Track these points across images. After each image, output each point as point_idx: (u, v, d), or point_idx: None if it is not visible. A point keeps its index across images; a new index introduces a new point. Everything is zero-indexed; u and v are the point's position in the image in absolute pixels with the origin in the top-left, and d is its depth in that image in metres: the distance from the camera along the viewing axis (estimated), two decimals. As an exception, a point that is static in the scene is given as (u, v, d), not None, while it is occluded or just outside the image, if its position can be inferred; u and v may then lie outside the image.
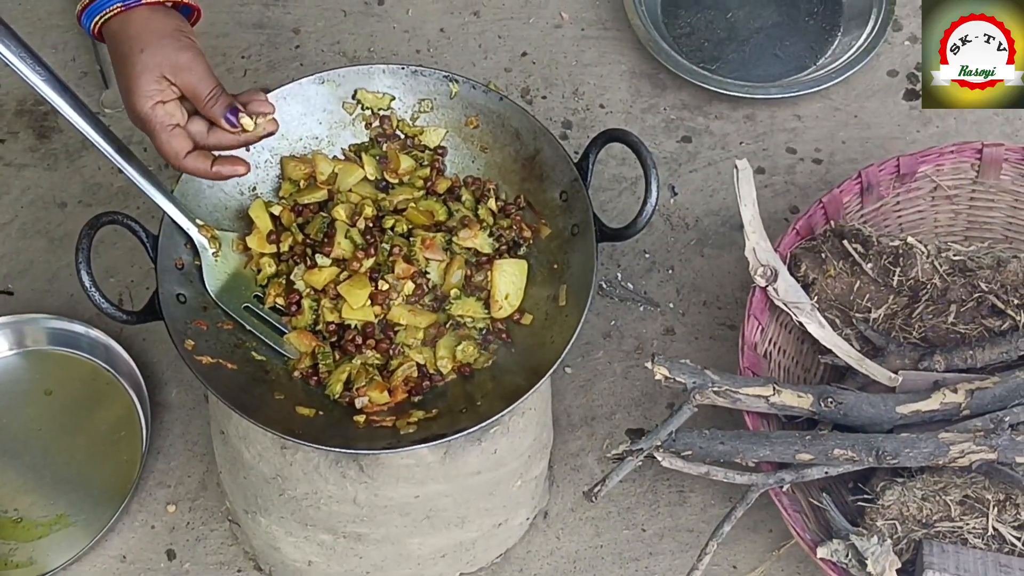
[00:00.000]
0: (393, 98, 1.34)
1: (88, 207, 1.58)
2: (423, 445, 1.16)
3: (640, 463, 1.25)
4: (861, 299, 1.39)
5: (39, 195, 1.60)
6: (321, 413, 1.20)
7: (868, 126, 1.66)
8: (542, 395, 1.30)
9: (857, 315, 1.39)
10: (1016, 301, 1.34)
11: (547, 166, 1.31)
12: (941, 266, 1.35)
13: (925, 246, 1.36)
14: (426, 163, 1.35)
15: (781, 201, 1.60)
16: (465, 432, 1.16)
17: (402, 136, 1.35)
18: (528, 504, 1.35)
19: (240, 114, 1.14)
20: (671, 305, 1.53)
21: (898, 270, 1.36)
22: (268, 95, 1.30)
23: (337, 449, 1.15)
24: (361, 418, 1.20)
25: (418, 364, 1.25)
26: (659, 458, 1.24)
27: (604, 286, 1.53)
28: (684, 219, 1.59)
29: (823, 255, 1.38)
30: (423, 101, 1.35)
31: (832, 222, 1.41)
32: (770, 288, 1.36)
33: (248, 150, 1.30)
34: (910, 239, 1.36)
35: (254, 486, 1.27)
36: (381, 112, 1.34)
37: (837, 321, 1.39)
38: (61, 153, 1.63)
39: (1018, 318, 1.34)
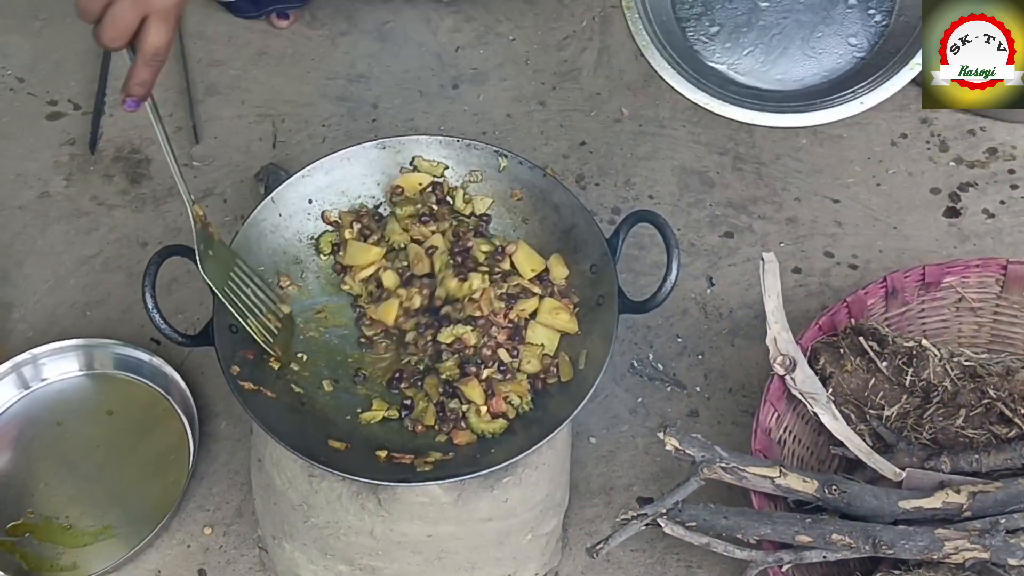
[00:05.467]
0: (447, 167, 1.45)
1: (167, 248, 1.71)
2: (436, 482, 1.24)
3: (643, 527, 1.30)
4: (875, 396, 1.43)
5: (124, 234, 1.74)
6: (350, 447, 1.29)
7: (907, 238, 1.72)
8: (558, 454, 1.37)
9: (871, 411, 1.43)
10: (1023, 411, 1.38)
11: (581, 240, 1.39)
12: (952, 370, 1.40)
13: (938, 349, 1.41)
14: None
15: (814, 301, 1.66)
16: (474, 475, 1.24)
17: (451, 202, 1.45)
18: (538, 560, 1.41)
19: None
20: (698, 388, 1.60)
21: (911, 370, 1.40)
22: (333, 155, 1.43)
23: (354, 477, 1.23)
24: (383, 453, 1.28)
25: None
26: (662, 524, 1.30)
27: (635, 364, 1.61)
28: (719, 309, 1.66)
29: (842, 350, 1.43)
30: (473, 172, 1.44)
31: (853, 320, 1.47)
32: (788, 377, 1.41)
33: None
34: (924, 341, 1.41)
35: (282, 512, 1.35)
36: (435, 178, 1.45)
37: (852, 416, 1.43)
38: (149, 198, 1.77)
39: (1025, 427, 1.37)
